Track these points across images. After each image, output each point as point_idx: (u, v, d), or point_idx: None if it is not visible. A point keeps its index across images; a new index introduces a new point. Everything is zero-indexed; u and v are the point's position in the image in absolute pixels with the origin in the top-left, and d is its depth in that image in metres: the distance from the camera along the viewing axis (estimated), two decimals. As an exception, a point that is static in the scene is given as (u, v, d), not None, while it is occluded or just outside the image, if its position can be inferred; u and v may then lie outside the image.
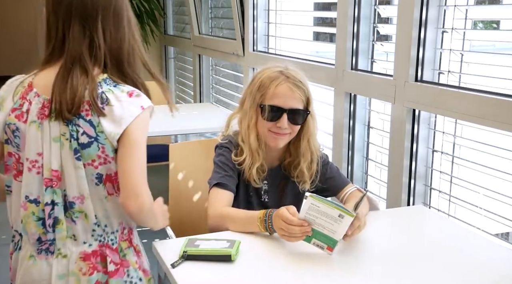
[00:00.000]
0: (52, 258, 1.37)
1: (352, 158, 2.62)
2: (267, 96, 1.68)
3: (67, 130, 1.33)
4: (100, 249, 1.39)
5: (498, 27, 2.16)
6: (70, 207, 1.36)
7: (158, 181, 5.31)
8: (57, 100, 1.31)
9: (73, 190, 1.35)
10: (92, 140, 1.33)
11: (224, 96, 4.29)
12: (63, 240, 1.36)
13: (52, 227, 1.35)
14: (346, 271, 1.38)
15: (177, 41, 5.21)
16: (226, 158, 1.74)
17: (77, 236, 1.37)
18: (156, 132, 3.20)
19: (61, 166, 1.34)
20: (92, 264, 1.37)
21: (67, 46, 1.35)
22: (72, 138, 1.33)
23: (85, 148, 1.33)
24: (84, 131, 1.33)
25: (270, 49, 3.46)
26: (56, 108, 1.32)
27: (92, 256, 1.38)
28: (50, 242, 1.37)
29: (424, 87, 2.08)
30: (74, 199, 1.35)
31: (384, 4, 2.46)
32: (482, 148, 1.97)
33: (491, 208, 1.94)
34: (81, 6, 1.35)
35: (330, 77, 2.65)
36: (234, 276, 1.34)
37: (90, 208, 1.36)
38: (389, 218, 1.76)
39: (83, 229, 1.37)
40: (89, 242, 1.38)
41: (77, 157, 1.33)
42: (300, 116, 1.70)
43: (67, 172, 1.34)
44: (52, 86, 1.33)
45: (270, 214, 1.50)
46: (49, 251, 1.37)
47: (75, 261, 1.37)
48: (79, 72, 1.33)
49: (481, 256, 1.48)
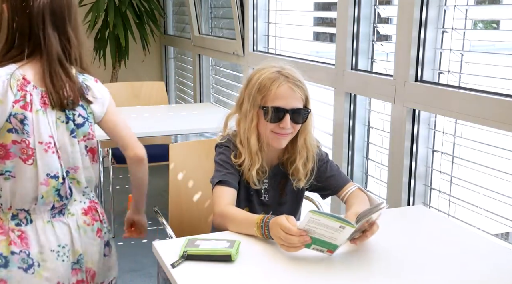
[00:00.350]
0: (65, 218, 1.67)
1: (352, 158, 2.62)
2: (268, 97, 1.68)
3: (62, 114, 1.62)
4: (91, 204, 1.74)
5: (498, 27, 2.16)
6: (67, 175, 1.66)
7: (158, 181, 5.31)
8: (54, 96, 1.59)
9: (69, 162, 1.65)
10: (84, 120, 1.65)
11: (224, 96, 4.29)
12: (71, 203, 1.69)
13: (70, 195, 1.67)
14: (346, 271, 1.38)
15: (177, 41, 5.21)
16: (226, 156, 1.74)
17: (77, 198, 1.70)
18: (156, 132, 3.21)
19: (59, 145, 1.62)
20: (91, 216, 1.73)
21: (44, 47, 1.59)
22: (69, 120, 1.62)
23: (80, 127, 1.65)
24: (79, 114, 1.64)
25: (270, 49, 3.46)
26: (55, 101, 1.59)
27: (89, 210, 1.73)
28: (63, 206, 1.67)
29: (424, 87, 2.08)
30: (69, 169, 1.66)
31: (384, 4, 2.46)
32: (482, 148, 1.97)
33: (491, 208, 1.94)
34: (52, 12, 1.60)
35: (330, 77, 2.65)
36: (234, 276, 1.34)
37: (82, 175, 1.69)
38: (389, 218, 1.76)
39: (77, 192, 1.70)
40: (83, 201, 1.72)
41: (73, 135, 1.64)
42: (301, 115, 1.70)
43: (64, 148, 1.63)
44: (46, 83, 1.59)
45: (267, 221, 1.48)
46: (61, 213, 1.67)
47: (80, 216, 1.70)
48: (62, 71, 1.61)
49: (481, 256, 1.48)
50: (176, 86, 5.57)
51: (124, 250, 3.40)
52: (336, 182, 1.81)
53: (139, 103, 3.89)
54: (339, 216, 1.37)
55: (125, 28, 4.76)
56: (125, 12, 4.74)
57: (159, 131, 3.20)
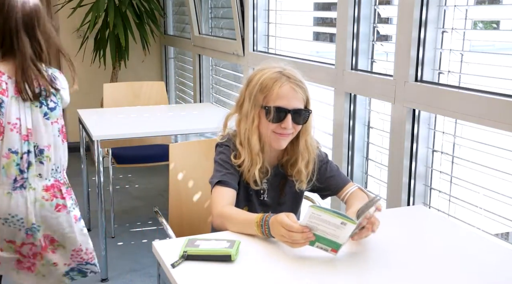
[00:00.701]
0: (25, 191, 1.98)
1: (352, 158, 2.62)
2: (270, 97, 1.68)
3: (37, 101, 1.97)
4: (55, 183, 2.04)
5: (498, 27, 2.16)
6: (40, 153, 1.99)
7: (158, 181, 5.31)
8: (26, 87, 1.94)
9: (43, 141, 1.99)
10: (55, 105, 2.03)
11: (224, 96, 4.29)
12: (33, 178, 1.99)
13: (26, 169, 1.97)
14: (346, 271, 1.38)
15: (177, 41, 5.21)
16: (226, 156, 1.74)
17: (42, 174, 2.01)
18: (156, 132, 3.21)
19: (33, 126, 1.96)
20: (51, 193, 2.02)
21: (18, 49, 1.95)
22: (42, 105, 1.99)
23: (52, 110, 2.01)
24: (51, 99, 2.01)
25: (270, 49, 3.46)
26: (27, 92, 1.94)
27: (51, 188, 2.03)
28: (24, 180, 1.97)
29: (424, 87, 2.08)
30: (44, 147, 2.00)
31: (384, 4, 2.46)
32: (482, 148, 1.97)
33: (491, 208, 1.94)
34: (24, 22, 1.97)
35: (330, 77, 2.65)
36: (234, 276, 1.34)
37: (53, 153, 2.02)
38: (389, 218, 1.76)
39: (46, 169, 2.01)
40: (48, 179, 2.02)
41: (46, 117, 2.00)
42: (302, 116, 1.70)
43: (38, 129, 1.98)
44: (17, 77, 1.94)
45: (267, 219, 1.48)
46: (23, 187, 1.98)
47: (40, 192, 2.00)
48: (34, 68, 1.96)
49: (481, 256, 1.48)
50: (176, 86, 5.57)
51: (124, 250, 3.41)
52: (336, 183, 1.81)
53: (139, 103, 3.89)
54: (340, 212, 1.38)
55: (125, 28, 4.76)
56: (125, 12, 4.74)
57: (159, 131, 3.20)
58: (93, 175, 3.35)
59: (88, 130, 3.06)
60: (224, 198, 1.67)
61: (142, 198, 4.36)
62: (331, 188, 1.82)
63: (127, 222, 3.85)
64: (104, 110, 3.79)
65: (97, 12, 4.63)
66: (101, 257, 3.00)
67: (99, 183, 2.98)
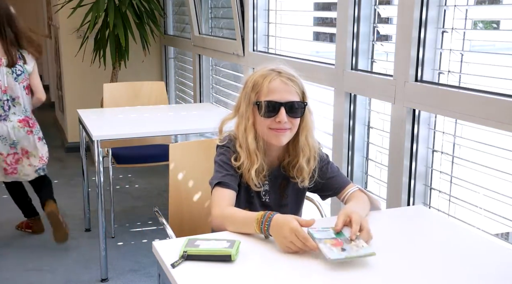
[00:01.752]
0: (7, 122, 3.23)
1: (352, 158, 2.62)
2: (262, 93, 1.68)
3: (10, 69, 3.20)
4: (25, 118, 3.28)
5: (498, 27, 2.16)
6: (13, 100, 3.24)
7: (158, 181, 5.30)
8: (9, 60, 3.18)
9: (15, 93, 3.23)
10: (21, 72, 3.25)
11: (224, 96, 4.29)
12: (11, 115, 3.24)
13: (8, 109, 3.22)
14: (345, 270, 1.38)
15: (177, 41, 5.21)
16: (227, 157, 1.73)
17: (16, 113, 3.25)
18: (156, 132, 3.21)
19: (8, 84, 3.19)
20: (23, 124, 3.27)
21: (4, 36, 3.19)
22: (13, 72, 3.21)
23: (19, 75, 3.23)
24: (19, 69, 3.23)
25: (270, 49, 3.46)
26: (9, 62, 3.19)
27: (23, 120, 3.27)
28: (6, 115, 3.23)
29: (424, 87, 2.08)
30: (16, 97, 3.24)
31: (384, 4, 2.46)
32: (482, 148, 1.97)
33: (491, 208, 1.94)
34: (6, 17, 3.21)
35: (330, 77, 2.65)
36: (234, 276, 1.34)
37: (21, 101, 3.26)
38: (389, 218, 1.76)
39: (19, 110, 3.26)
40: (20, 116, 3.27)
41: (15, 80, 3.22)
42: (298, 109, 1.69)
43: (11, 86, 3.21)
44: (5, 54, 3.18)
45: (269, 216, 1.48)
46: (5, 120, 3.23)
47: (16, 122, 3.25)
48: (13, 49, 3.20)
49: (481, 256, 1.48)
50: (176, 86, 5.57)
51: (124, 250, 3.41)
52: (337, 183, 1.81)
53: (139, 103, 3.89)
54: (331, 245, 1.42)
55: (125, 28, 4.76)
56: (125, 12, 4.74)
57: (159, 131, 3.20)
58: (93, 175, 3.35)
59: (88, 130, 3.06)
60: (224, 199, 1.67)
61: (142, 198, 4.36)
62: (332, 189, 1.81)
63: (127, 222, 3.85)
64: (104, 110, 3.79)
65: (97, 12, 4.63)
66: (101, 257, 3.00)
67: (99, 183, 2.98)
